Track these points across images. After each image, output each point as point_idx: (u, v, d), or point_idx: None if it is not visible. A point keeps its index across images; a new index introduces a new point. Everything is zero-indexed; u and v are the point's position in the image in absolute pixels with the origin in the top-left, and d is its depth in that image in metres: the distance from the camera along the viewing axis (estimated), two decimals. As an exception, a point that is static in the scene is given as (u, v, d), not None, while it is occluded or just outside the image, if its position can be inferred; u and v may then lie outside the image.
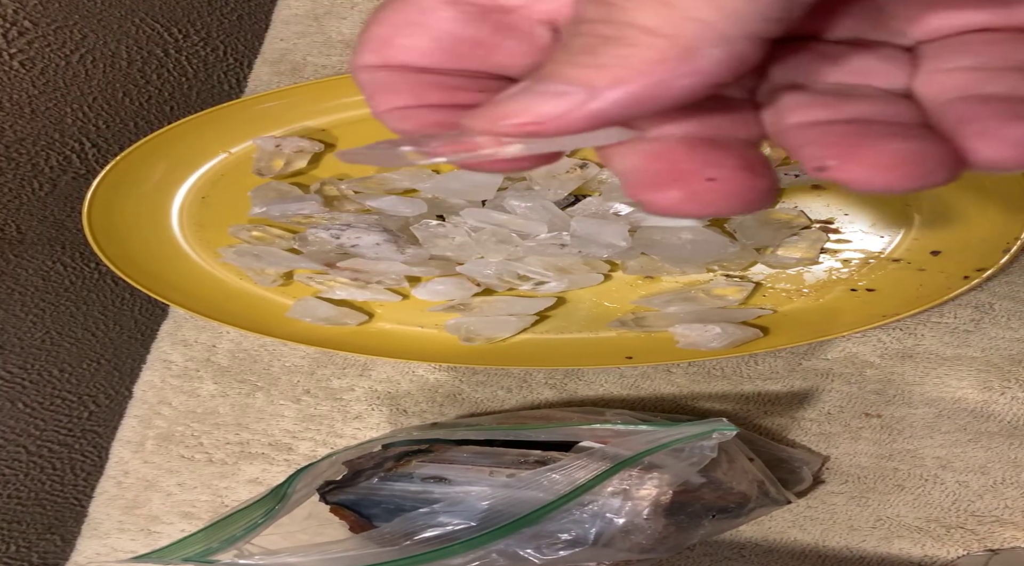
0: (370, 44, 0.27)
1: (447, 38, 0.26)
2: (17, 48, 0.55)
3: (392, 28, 0.26)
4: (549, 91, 0.22)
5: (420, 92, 0.27)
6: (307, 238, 0.59)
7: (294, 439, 0.66)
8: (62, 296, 0.67)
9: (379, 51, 0.27)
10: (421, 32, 0.26)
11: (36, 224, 0.63)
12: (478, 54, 0.27)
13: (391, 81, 0.27)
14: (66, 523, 0.70)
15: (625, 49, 0.20)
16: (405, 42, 0.26)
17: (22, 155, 0.60)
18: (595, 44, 0.21)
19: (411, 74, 0.27)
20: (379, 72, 0.27)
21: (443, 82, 0.27)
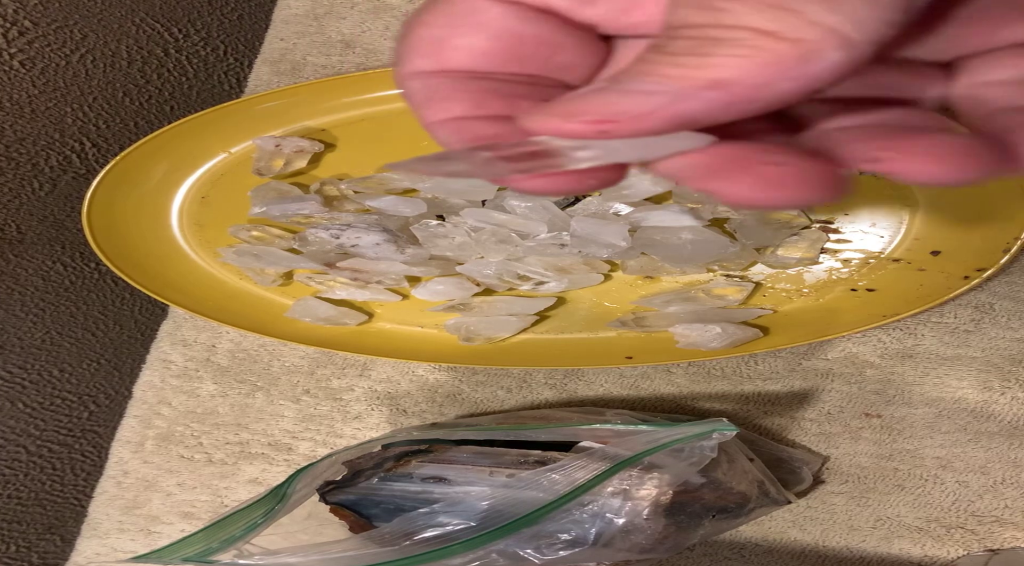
0: (420, 47, 0.25)
1: (508, 36, 0.25)
2: (17, 48, 0.55)
3: (444, 28, 0.25)
4: (634, 89, 0.21)
5: (480, 100, 0.25)
6: (307, 238, 0.59)
7: (294, 439, 0.66)
8: (62, 296, 0.67)
9: (432, 55, 0.25)
10: (479, 30, 0.25)
11: (36, 224, 0.63)
12: (541, 54, 0.25)
13: (447, 88, 0.25)
14: (66, 523, 0.70)
15: (736, 50, 0.20)
16: (462, 42, 0.25)
17: (22, 155, 0.60)
18: (700, 45, 0.20)
19: (469, 80, 0.25)
20: (433, 78, 0.25)
21: (503, 89, 0.25)
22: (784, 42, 0.19)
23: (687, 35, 0.20)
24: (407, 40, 0.25)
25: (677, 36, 0.21)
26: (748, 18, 0.19)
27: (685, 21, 0.20)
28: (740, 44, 0.20)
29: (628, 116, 0.21)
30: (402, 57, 0.25)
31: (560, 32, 0.25)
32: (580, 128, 0.22)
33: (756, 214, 0.56)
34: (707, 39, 0.20)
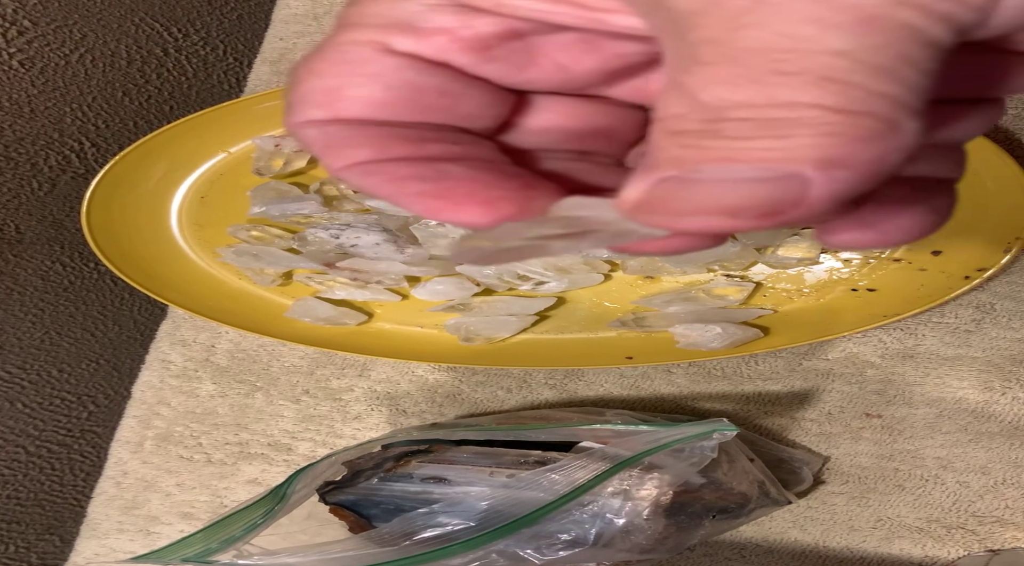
0: (312, 97, 0.24)
1: (405, 87, 0.24)
2: (17, 47, 0.55)
3: (337, 78, 0.24)
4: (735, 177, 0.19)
5: (383, 145, 0.24)
6: (306, 238, 0.59)
7: (293, 439, 0.66)
8: (61, 296, 0.67)
9: (325, 105, 0.24)
10: (374, 81, 0.24)
11: (35, 224, 0.63)
12: (442, 104, 0.24)
13: (345, 136, 0.24)
14: (65, 523, 0.70)
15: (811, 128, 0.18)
16: (356, 93, 0.24)
17: (21, 154, 0.59)
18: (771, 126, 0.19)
19: (368, 127, 0.24)
20: (329, 127, 0.24)
21: (407, 134, 0.24)
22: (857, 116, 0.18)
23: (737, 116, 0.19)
24: (298, 89, 0.24)
25: (722, 118, 0.19)
26: (805, 94, 0.18)
27: (735, 98, 0.19)
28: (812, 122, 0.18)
29: (772, 208, 0.20)
30: (294, 106, 0.24)
31: (460, 83, 0.24)
32: (718, 223, 0.20)
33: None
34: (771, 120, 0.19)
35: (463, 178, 0.24)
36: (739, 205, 0.20)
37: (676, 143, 0.20)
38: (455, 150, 0.25)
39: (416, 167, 0.24)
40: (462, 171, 0.24)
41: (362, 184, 0.24)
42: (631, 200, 0.21)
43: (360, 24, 0.24)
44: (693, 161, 0.20)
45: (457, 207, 0.24)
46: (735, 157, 0.19)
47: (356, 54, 0.23)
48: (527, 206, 0.24)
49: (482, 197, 0.24)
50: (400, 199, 0.24)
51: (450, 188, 0.24)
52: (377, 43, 0.23)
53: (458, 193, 0.24)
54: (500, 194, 0.24)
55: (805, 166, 0.19)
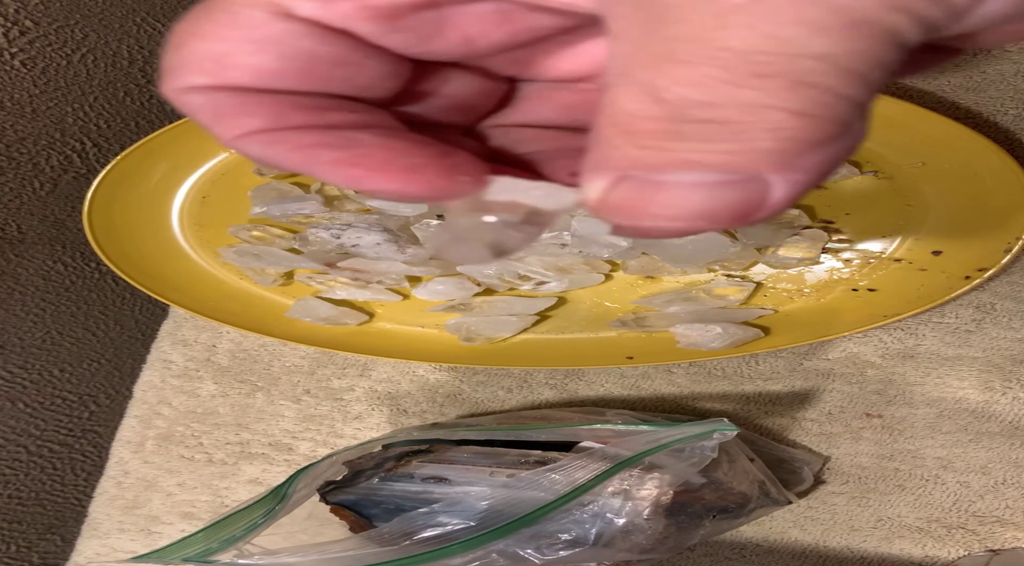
0: (197, 63, 0.22)
1: (300, 56, 0.22)
2: (18, 47, 0.55)
3: (224, 43, 0.22)
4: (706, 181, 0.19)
5: (279, 114, 0.22)
6: (307, 238, 0.59)
7: (294, 439, 0.66)
8: (62, 296, 0.67)
9: (212, 71, 0.22)
10: (265, 49, 0.22)
11: (37, 224, 0.63)
12: (339, 74, 0.23)
13: (237, 103, 0.22)
14: (66, 523, 0.70)
15: (777, 131, 0.18)
16: (246, 60, 0.22)
17: (23, 154, 0.60)
18: (732, 129, 0.18)
19: (260, 94, 0.22)
20: (216, 94, 0.22)
21: (302, 102, 0.23)
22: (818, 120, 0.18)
23: (702, 117, 0.18)
24: (180, 52, 0.22)
25: (688, 119, 0.18)
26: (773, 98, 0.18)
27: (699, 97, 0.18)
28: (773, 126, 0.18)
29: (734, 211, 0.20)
30: (174, 70, 0.22)
31: (359, 53, 0.23)
32: (683, 226, 0.20)
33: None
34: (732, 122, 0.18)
35: (376, 145, 0.23)
36: (703, 209, 0.20)
37: (634, 143, 0.19)
38: (354, 118, 0.23)
39: (322, 135, 0.23)
40: (372, 139, 0.23)
41: (263, 154, 0.23)
42: (593, 199, 0.21)
43: None
44: (654, 164, 0.19)
45: (377, 175, 0.23)
46: (698, 161, 0.19)
47: (248, 17, 0.21)
48: (451, 176, 0.23)
49: (402, 164, 0.23)
50: (312, 168, 0.23)
51: (365, 155, 0.23)
52: (273, 5, 0.21)
53: (375, 160, 0.23)
54: (420, 161, 0.23)
55: (766, 170, 0.19)
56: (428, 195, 0.23)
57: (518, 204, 0.24)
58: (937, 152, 0.54)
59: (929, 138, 0.54)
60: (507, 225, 0.24)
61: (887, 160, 0.55)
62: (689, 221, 0.20)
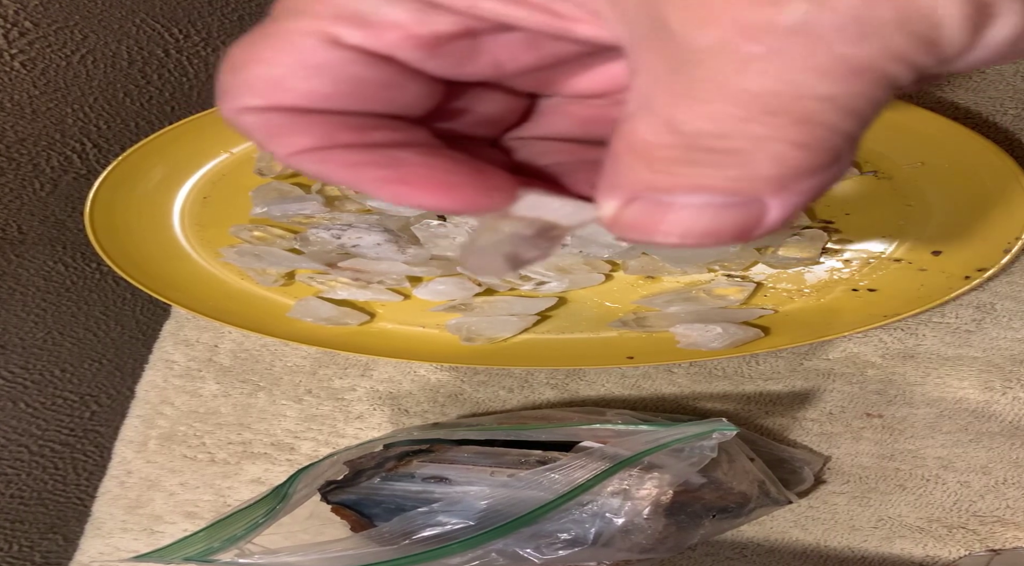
0: (254, 85, 0.24)
1: (351, 80, 0.24)
2: (18, 48, 0.56)
3: (283, 68, 0.24)
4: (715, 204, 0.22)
5: (329, 133, 0.24)
6: (308, 238, 0.59)
7: (296, 439, 0.66)
8: (63, 296, 0.67)
9: (267, 94, 0.24)
10: (321, 74, 0.24)
11: (37, 224, 0.63)
12: (382, 96, 0.25)
13: (289, 123, 0.24)
14: (68, 523, 0.70)
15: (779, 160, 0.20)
16: (303, 85, 0.24)
17: (23, 155, 0.60)
18: (739, 158, 0.20)
19: (310, 115, 0.24)
20: (270, 114, 0.24)
21: (349, 122, 0.25)
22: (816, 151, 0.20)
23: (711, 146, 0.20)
24: (238, 75, 0.24)
25: (699, 147, 0.21)
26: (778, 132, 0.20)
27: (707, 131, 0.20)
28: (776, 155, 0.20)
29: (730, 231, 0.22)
30: (232, 92, 0.24)
31: (401, 76, 0.25)
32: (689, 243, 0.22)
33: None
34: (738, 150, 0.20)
35: (418, 164, 0.25)
36: (709, 228, 0.22)
37: (649, 168, 0.22)
38: (396, 137, 0.25)
39: (368, 154, 0.25)
40: (415, 157, 0.25)
41: (316, 170, 0.25)
42: (606, 216, 0.23)
43: (306, 12, 0.23)
44: (667, 187, 0.22)
45: (420, 191, 0.24)
46: (705, 185, 0.21)
47: (302, 44, 0.23)
48: (487, 192, 0.25)
49: (441, 181, 0.24)
50: (360, 184, 0.25)
51: (408, 173, 0.24)
52: (325, 34, 0.23)
53: (417, 178, 0.24)
54: (458, 179, 0.25)
55: (765, 194, 0.21)
56: (466, 209, 0.25)
57: (541, 219, 0.26)
58: (937, 152, 0.54)
59: (929, 138, 0.54)
60: (529, 237, 0.26)
61: (887, 160, 0.55)
62: (695, 238, 0.22)
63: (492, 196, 0.25)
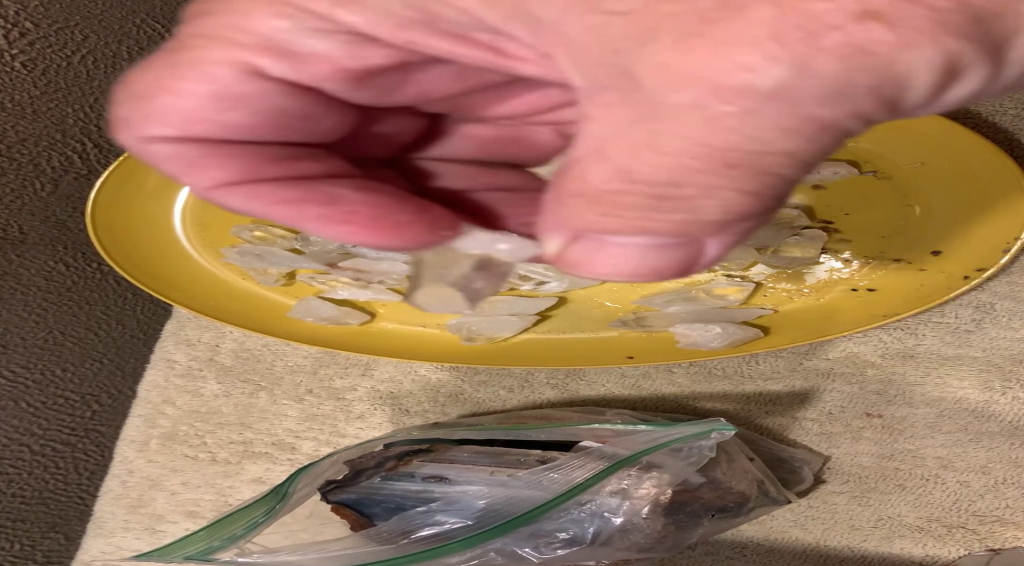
0: (165, 116, 0.22)
1: (272, 112, 0.23)
2: (19, 49, 0.56)
3: (199, 100, 0.22)
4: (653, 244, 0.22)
5: (254, 165, 0.23)
6: (309, 238, 0.60)
7: (297, 439, 0.66)
8: (65, 296, 0.67)
9: (180, 125, 0.22)
10: (242, 107, 0.22)
11: (38, 224, 0.63)
12: (302, 126, 0.24)
13: (207, 154, 0.23)
14: (70, 522, 0.70)
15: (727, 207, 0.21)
16: (221, 118, 0.22)
17: (24, 155, 0.60)
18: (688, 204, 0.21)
19: (228, 146, 0.23)
20: (185, 145, 0.22)
21: (269, 153, 0.23)
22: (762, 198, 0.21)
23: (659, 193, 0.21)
24: (145, 104, 0.22)
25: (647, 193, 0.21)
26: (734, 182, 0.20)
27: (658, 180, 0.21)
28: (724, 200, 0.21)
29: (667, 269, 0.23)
30: (137, 122, 0.22)
31: (323, 106, 0.23)
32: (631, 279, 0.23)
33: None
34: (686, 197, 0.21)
35: (360, 202, 0.24)
36: (651, 267, 0.22)
37: (597, 211, 0.22)
38: (320, 168, 0.24)
39: (301, 189, 0.24)
40: (353, 194, 0.24)
41: (242, 206, 0.24)
42: (550, 253, 0.23)
43: (221, 39, 0.22)
44: (614, 230, 0.22)
45: (369, 231, 0.24)
46: (651, 228, 0.21)
47: (219, 74, 0.22)
48: (434, 229, 0.25)
49: (392, 221, 0.24)
50: (298, 222, 0.24)
51: (353, 213, 0.24)
52: (245, 65, 0.22)
53: (365, 217, 0.24)
54: (406, 218, 0.25)
55: (707, 235, 0.22)
56: (411, 247, 0.25)
57: (484, 254, 0.26)
58: (936, 152, 0.54)
59: (928, 138, 0.54)
60: (477, 273, 0.26)
61: (886, 160, 0.55)
62: (638, 276, 0.23)
63: (439, 234, 0.25)
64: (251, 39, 0.21)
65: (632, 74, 0.19)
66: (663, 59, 0.19)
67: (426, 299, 0.27)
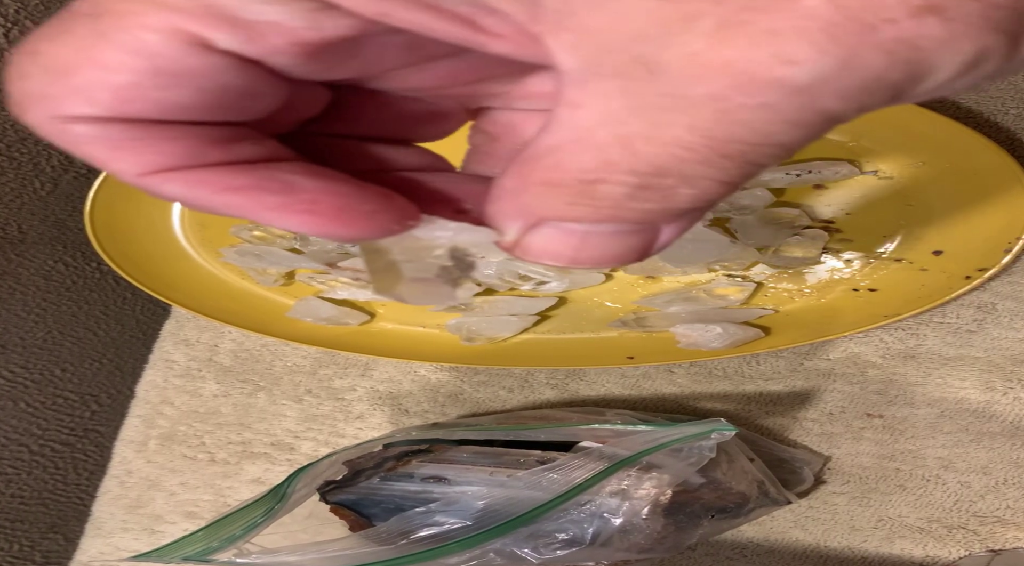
0: (88, 94, 0.19)
1: (215, 90, 0.20)
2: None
3: (129, 75, 0.19)
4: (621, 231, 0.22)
5: (193, 149, 0.21)
6: (308, 238, 0.59)
7: (296, 439, 0.66)
8: (64, 296, 0.67)
9: (107, 103, 0.19)
10: (184, 85, 0.20)
11: (37, 223, 0.63)
12: (241, 104, 0.21)
13: (141, 137, 0.20)
14: (69, 522, 0.70)
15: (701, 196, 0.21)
16: (155, 94, 0.19)
17: (23, 154, 0.60)
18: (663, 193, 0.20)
19: (164, 127, 0.20)
20: (112, 125, 0.20)
21: (209, 135, 0.21)
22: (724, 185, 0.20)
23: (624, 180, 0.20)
24: (64, 79, 0.19)
25: (614, 181, 0.20)
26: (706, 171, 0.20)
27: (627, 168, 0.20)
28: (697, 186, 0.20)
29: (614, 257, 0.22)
30: (52, 99, 0.20)
31: (264, 81, 0.21)
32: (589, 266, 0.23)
33: (758, 214, 0.56)
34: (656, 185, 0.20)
35: (317, 190, 0.22)
36: (613, 254, 0.22)
37: (562, 198, 0.21)
38: (260, 151, 0.22)
39: (249, 175, 0.21)
40: (306, 181, 0.22)
41: (181, 194, 0.21)
42: (507, 241, 0.23)
43: (156, 3, 0.19)
44: (579, 217, 0.21)
45: (334, 222, 0.22)
46: (619, 216, 0.21)
47: (157, 46, 0.19)
48: (399, 219, 0.24)
49: (359, 211, 0.23)
50: (254, 213, 0.22)
51: (314, 202, 0.22)
52: (187, 35, 0.19)
53: (329, 207, 0.22)
54: (373, 208, 0.23)
55: (667, 222, 0.22)
56: (375, 237, 0.24)
57: (449, 242, 0.25)
58: (937, 152, 0.54)
59: (929, 138, 0.53)
60: (450, 264, 0.26)
61: (888, 160, 0.55)
62: (597, 263, 0.22)
63: (403, 223, 0.24)
64: (192, 4, 0.19)
65: (651, 63, 0.18)
66: (694, 49, 0.18)
67: (410, 292, 0.26)
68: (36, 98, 0.20)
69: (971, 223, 0.54)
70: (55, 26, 0.20)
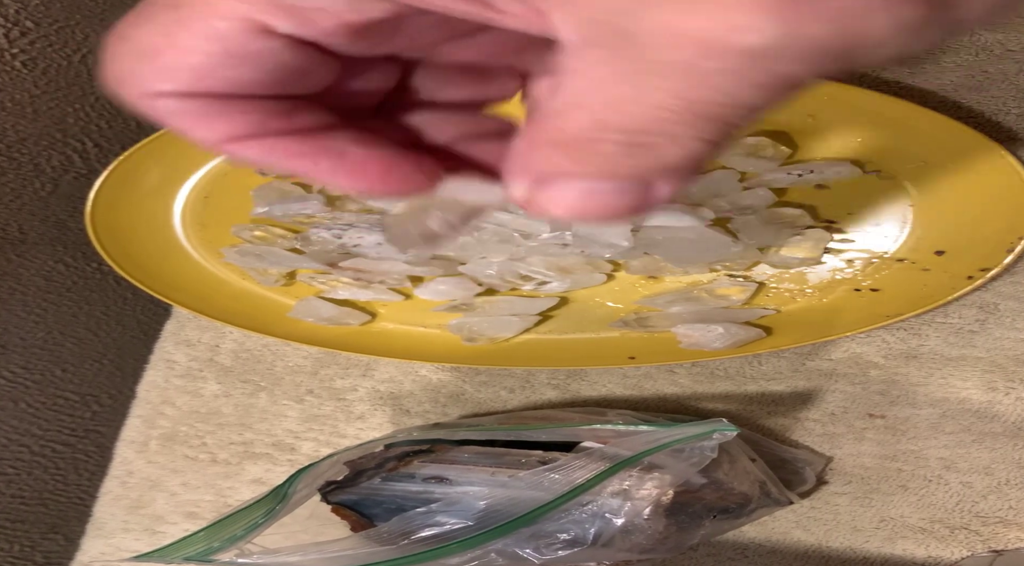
0: (171, 74, 0.23)
1: (277, 68, 0.24)
2: (19, 48, 0.56)
3: (208, 58, 0.23)
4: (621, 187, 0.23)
5: (261, 119, 0.25)
6: (309, 238, 0.59)
7: (297, 439, 0.66)
8: (64, 296, 0.67)
9: (187, 81, 0.23)
10: (250, 64, 0.23)
11: (38, 224, 0.63)
12: (299, 80, 0.25)
13: (216, 109, 0.24)
14: (69, 523, 0.70)
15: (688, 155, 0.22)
16: (227, 74, 0.23)
17: (24, 155, 0.60)
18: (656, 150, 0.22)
19: (235, 101, 0.24)
20: (192, 100, 0.24)
21: (274, 107, 0.25)
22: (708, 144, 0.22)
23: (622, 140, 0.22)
24: (150, 62, 0.23)
25: (612, 140, 0.22)
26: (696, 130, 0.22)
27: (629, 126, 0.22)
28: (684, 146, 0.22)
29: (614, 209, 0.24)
30: (140, 78, 0.23)
31: (318, 59, 0.25)
32: (592, 220, 0.25)
33: (759, 214, 0.56)
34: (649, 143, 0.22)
35: (363, 154, 0.26)
36: (615, 207, 0.24)
37: (566, 157, 0.23)
38: (316, 120, 0.26)
39: (310, 142, 0.25)
40: (354, 146, 0.26)
41: (256, 157, 0.25)
42: (519, 196, 0.25)
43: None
44: (584, 173, 0.23)
45: (376, 181, 0.26)
46: (619, 173, 0.23)
47: (227, 31, 0.23)
48: (427, 177, 0.27)
49: (394, 171, 0.26)
50: (311, 173, 0.26)
51: (362, 164, 0.26)
52: (253, 23, 0.23)
53: (374, 169, 0.26)
54: (406, 168, 0.27)
55: (661, 178, 0.23)
56: (407, 193, 0.27)
57: (460, 199, 0.28)
58: (939, 152, 0.54)
59: (931, 138, 0.53)
60: (447, 216, 0.29)
61: (889, 160, 0.55)
62: (599, 215, 0.24)
63: (431, 180, 0.27)
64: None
65: (629, 33, 0.20)
66: (665, 19, 0.20)
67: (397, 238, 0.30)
68: (127, 77, 0.24)
69: (973, 223, 0.54)
70: (141, 14, 0.23)
